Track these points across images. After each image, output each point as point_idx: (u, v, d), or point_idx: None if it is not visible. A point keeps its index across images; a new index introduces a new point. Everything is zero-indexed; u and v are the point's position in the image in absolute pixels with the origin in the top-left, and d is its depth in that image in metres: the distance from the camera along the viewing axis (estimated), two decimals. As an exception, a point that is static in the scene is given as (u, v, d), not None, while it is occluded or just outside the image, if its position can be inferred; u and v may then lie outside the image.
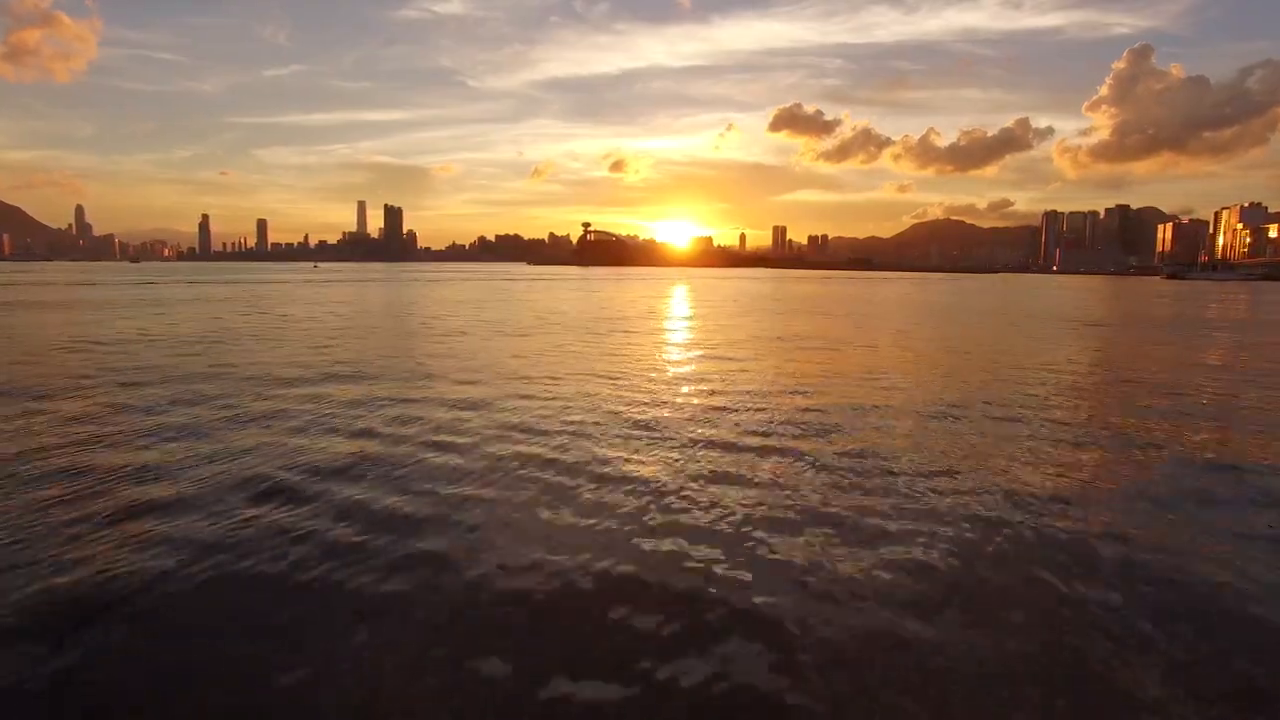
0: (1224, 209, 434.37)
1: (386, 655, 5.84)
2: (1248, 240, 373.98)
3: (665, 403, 16.14)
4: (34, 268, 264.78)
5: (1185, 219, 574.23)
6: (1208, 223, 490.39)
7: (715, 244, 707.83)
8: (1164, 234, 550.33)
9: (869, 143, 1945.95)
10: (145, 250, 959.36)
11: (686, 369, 21.78)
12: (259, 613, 6.51)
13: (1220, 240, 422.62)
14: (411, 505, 9.31)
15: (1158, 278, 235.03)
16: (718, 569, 7.47)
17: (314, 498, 9.51)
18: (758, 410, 15.37)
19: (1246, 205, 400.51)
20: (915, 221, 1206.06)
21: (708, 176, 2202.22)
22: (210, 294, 67.35)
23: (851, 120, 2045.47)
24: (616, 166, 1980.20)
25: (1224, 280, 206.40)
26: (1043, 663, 5.84)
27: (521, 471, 10.85)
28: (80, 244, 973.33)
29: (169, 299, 58.00)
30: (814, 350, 26.35)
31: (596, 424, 13.93)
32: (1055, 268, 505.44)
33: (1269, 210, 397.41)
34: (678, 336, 32.27)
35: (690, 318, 43.07)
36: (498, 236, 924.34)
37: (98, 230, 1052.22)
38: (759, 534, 8.41)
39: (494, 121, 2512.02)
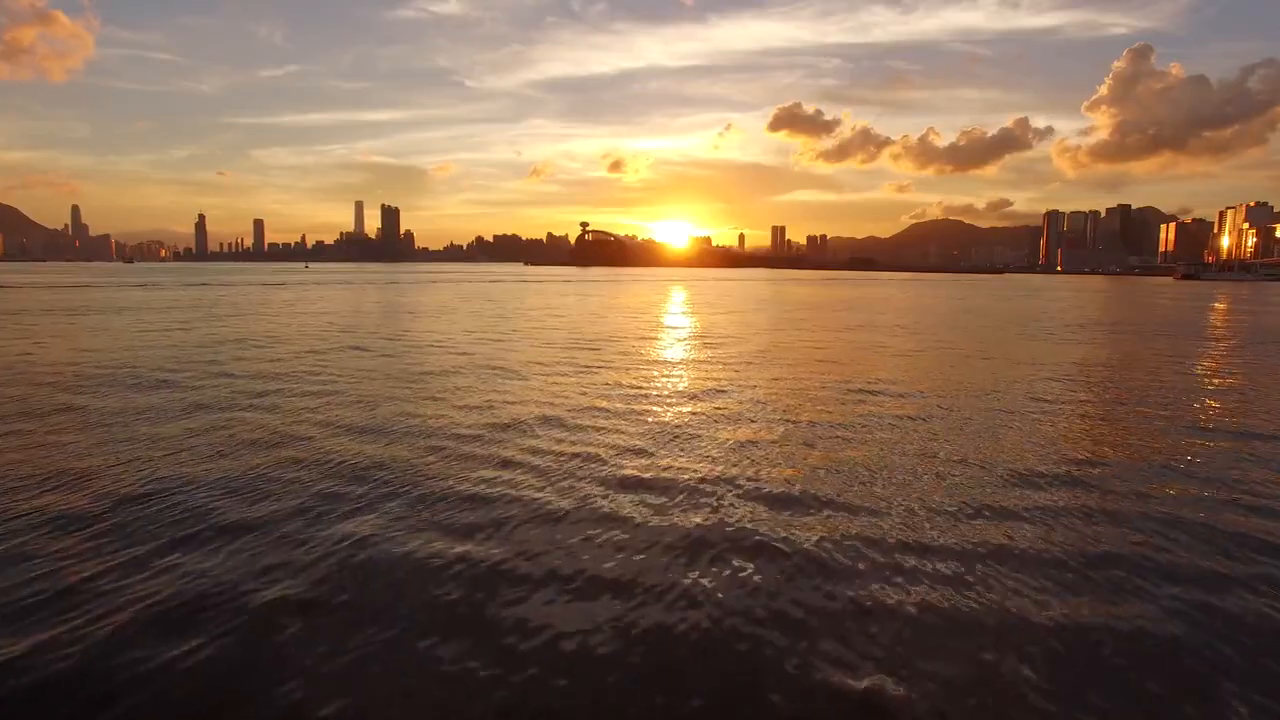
0: (1229, 209, 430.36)
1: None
2: (1254, 240, 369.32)
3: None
4: (26, 268, 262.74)
5: (1184, 219, 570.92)
6: (1212, 223, 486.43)
7: (714, 244, 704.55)
8: (1167, 234, 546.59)
9: (868, 142, 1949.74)
10: (141, 250, 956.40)
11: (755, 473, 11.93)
12: None
13: (1225, 240, 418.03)
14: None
15: (1170, 278, 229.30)
16: None
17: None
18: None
19: (1252, 205, 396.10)
20: (914, 221, 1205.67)
21: (706, 176, 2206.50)
22: (162, 300, 61.78)
23: (851, 120, 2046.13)
24: (614, 166, 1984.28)
25: (1240, 280, 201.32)
26: None
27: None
28: (76, 244, 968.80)
29: (109, 306, 52.46)
30: (905, 400, 19.69)
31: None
32: (1060, 268, 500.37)
33: (1275, 210, 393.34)
34: (703, 378, 21.84)
35: (706, 339, 34.38)
36: (495, 236, 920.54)
37: (94, 230, 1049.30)
38: None
39: (491, 121, 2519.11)
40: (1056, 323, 47.96)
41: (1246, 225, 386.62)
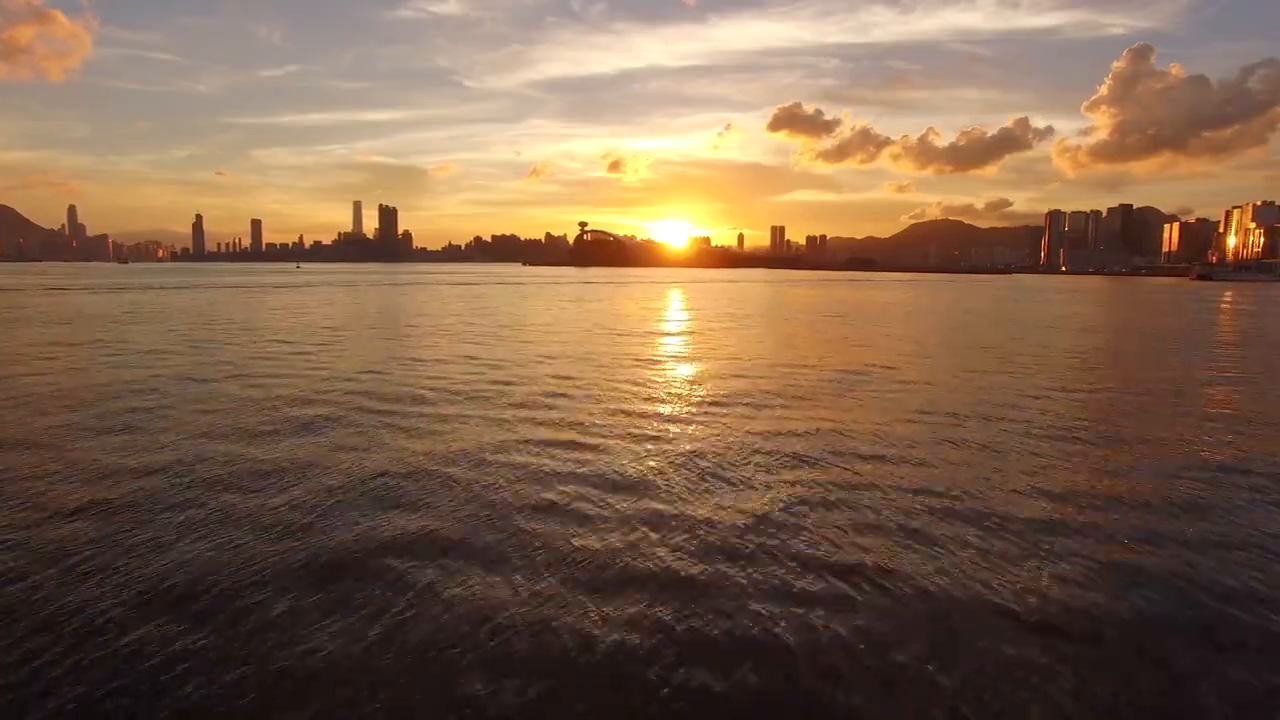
0: (1235, 208, 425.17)
1: None
2: (1262, 240, 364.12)
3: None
4: (22, 268, 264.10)
5: (1184, 219, 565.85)
6: (1216, 222, 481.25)
7: (713, 244, 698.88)
8: (1170, 233, 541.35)
9: (868, 142, 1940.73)
10: (139, 251, 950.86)
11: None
12: None
13: (1231, 240, 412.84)
14: None
15: (1184, 279, 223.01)
16: None
17: None
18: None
19: (1259, 204, 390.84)
20: (913, 222, 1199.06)
21: (706, 176, 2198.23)
22: (94, 306, 56.94)
23: (851, 120, 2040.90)
24: (614, 166, 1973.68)
25: (1257, 281, 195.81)
26: None
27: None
28: (73, 244, 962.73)
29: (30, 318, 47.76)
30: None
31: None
32: (1064, 268, 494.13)
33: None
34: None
35: (736, 389, 22.10)
36: (494, 237, 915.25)
37: (92, 230, 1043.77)
38: None
39: (491, 121, 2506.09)
40: (1146, 338, 42.94)
41: (1253, 225, 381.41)
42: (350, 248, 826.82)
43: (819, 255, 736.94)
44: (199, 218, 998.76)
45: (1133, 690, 6.45)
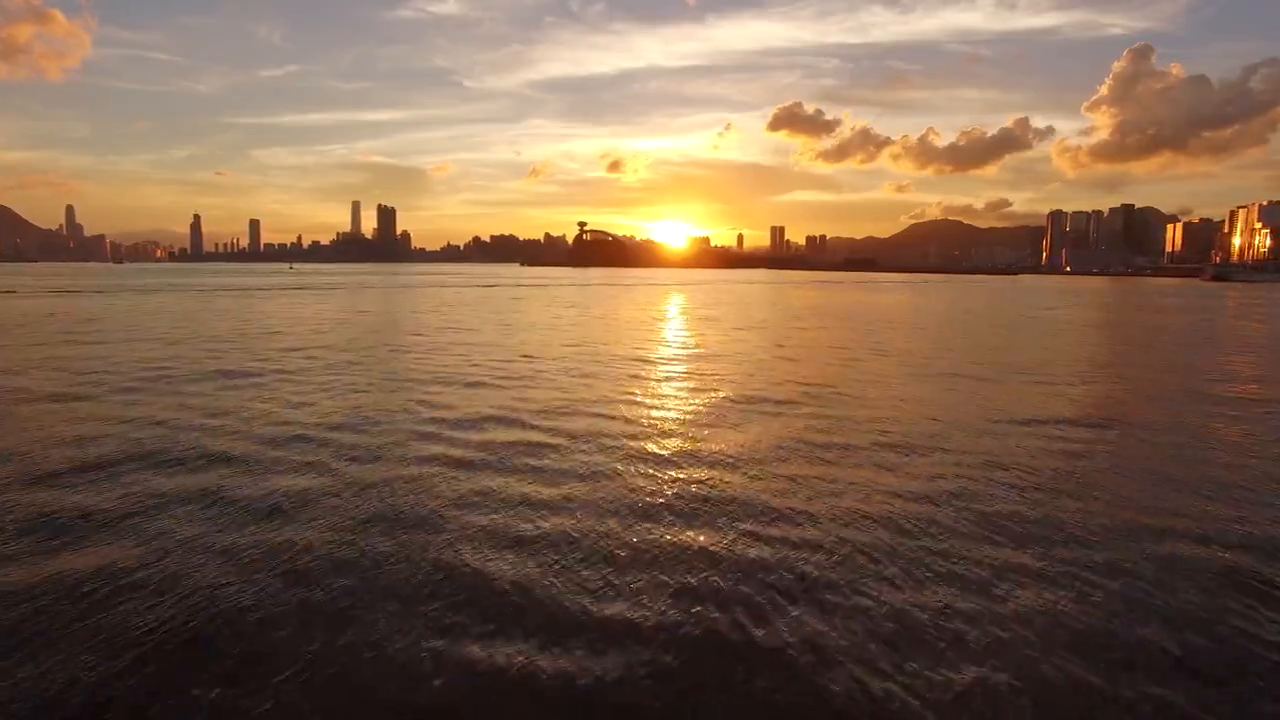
0: (1240, 208, 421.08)
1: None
2: (1268, 240, 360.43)
3: None
4: (18, 268, 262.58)
5: (1185, 219, 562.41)
6: (1220, 222, 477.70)
7: (712, 244, 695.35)
8: (1174, 234, 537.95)
9: (867, 143, 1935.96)
10: (137, 251, 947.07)
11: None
12: None
13: (1237, 240, 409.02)
14: None
15: (1195, 279, 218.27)
16: None
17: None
18: None
19: (1266, 204, 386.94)
20: (913, 222, 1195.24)
21: (705, 176, 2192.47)
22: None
23: (850, 120, 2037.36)
24: (614, 167, 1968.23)
25: (1270, 281, 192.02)
26: None
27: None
28: (70, 245, 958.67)
29: None
30: None
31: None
32: (1068, 268, 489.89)
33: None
34: None
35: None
36: (492, 237, 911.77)
37: (90, 231, 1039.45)
38: None
39: (491, 121, 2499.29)
40: None
41: (1259, 225, 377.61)
42: (349, 248, 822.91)
43: (819, 255, 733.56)
44: (197, 218, 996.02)
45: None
